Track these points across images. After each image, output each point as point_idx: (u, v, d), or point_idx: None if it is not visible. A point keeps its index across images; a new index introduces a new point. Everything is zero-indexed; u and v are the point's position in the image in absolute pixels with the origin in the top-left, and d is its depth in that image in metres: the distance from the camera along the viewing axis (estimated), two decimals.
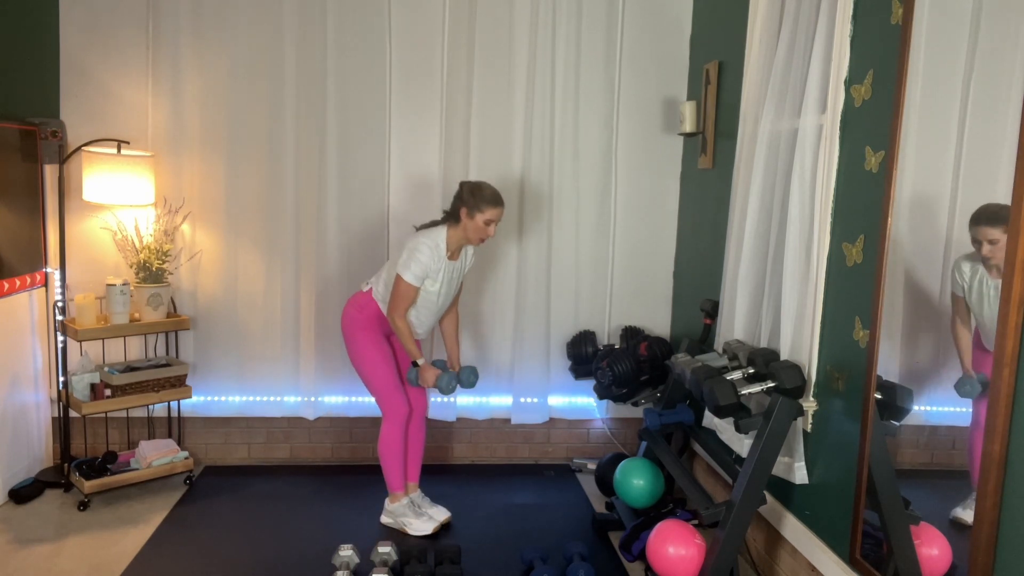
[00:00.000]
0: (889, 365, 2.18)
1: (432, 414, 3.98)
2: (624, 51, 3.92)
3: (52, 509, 3.41)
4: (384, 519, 3.37)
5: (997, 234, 1.77)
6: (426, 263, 3.11)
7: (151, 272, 3.65)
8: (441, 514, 3.37)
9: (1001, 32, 1.82)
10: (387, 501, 3.37)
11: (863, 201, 2.28)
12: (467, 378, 3.31)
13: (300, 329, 3.89)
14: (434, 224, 3.23)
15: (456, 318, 3.47)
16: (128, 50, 3.71)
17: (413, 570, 2.79)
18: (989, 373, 1.74)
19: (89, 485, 3.38)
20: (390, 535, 3.26)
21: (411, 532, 3.28)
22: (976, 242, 1.86)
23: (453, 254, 3.22)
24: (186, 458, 3.67)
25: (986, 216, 1.84)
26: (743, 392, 2.52)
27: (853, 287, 2.32)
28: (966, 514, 1.84)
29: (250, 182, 3.81)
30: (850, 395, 2.32)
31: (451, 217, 3.19)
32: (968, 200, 1.93)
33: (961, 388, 1.95)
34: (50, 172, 3.69)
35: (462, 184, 3.20)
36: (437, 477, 3.85)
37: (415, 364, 3.21)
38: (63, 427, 3.63)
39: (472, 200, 3.11)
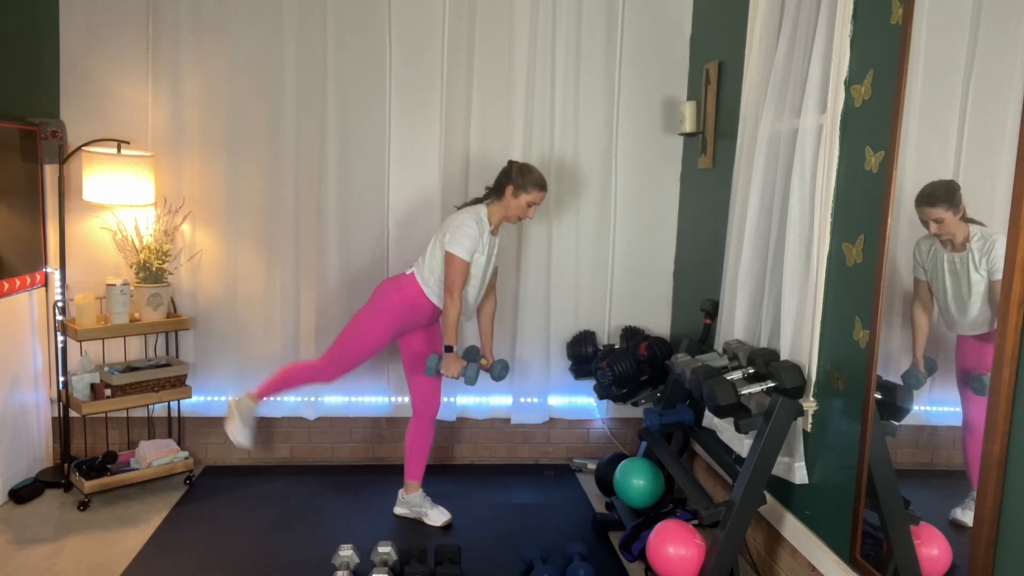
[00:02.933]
0: (889, 365, 2.18)
1: None
2: (624, 51, 3.92)
3: (52, 509, 3.41)
4: (398, 510, 3.41)
5: (940, 213, 1.87)
6: (475, 236, 3.14)
7: (151, 272, 3.65)
8: (441, 516, 3.38)
9: (1001, 32, 1.82)
10: (401, 492, 3.41)
11: (863, 201, 2.28)
12: (499, 372, 3.29)
13: (300, 329, 3.89)
14: (476, 201, 3.29)
15: (494, 304, 3.48)
16: (128, 50, 3.71)
17: (413, 570, 2.79)
18: (954, 357, 1.77)
19: (89, 485, 3.38)
20: (389, 535, 3.26)
21: (428, 522, 3.34)
22: (924, 222, 1.93)
23: (494, 229, 3.26)
24: (186, 458, 3.67)
25: (926, 196, 1.93)
26: (743, 392, 2.52)
27: (853, 287, 2.32)
28: (965, 515, 1.84)
29: (250, 182, 3.81)
30: (850, 395, 2.32)
31: (494, 193, 3.26)
32: (968, 199, 1.92)
33: (908, 378, 2.00)
34: (50, 172, 3.69)
35: (511, 163, 3.26)
36: (437, 477, 3.85)
37: (447, 349, 3.17)
38: (63, 427, 3.63)
39: (520, 180, 3.18)
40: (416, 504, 3.40)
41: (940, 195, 1.82)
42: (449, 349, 3.18)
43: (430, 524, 3.36)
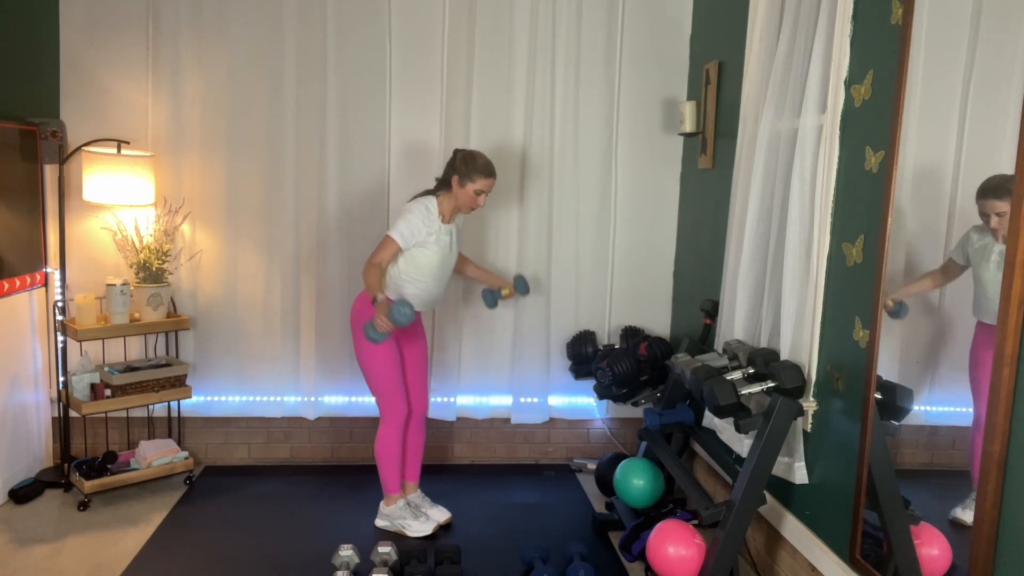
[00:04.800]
0: (889, 365, 2.18)
1: (432, 414, 3.98)
2: (624, 51, 3.92)
3: (52, 509, 3.41)
4: (379, 522, 3.34)
5: (1004, 206, 1.77)
6: (416, 223, 3.10)
7: (151, 272, 3.65)
8: (441, 515, 3.37)
9: (1001, 32, 1.82)
10: (382, 504, 3.35)
11: (863, 201, 2.28)
12: (522, 288, 3.49)
13: (300, 329, 3.89)
14: (427, 193, 3.24)
15: (470, 264, 3.55)
16: (128, 50, 3.71)
17: (413, 570, 2.79)
18: (984, 354, 1.75)
19: (89, 485, 3.38)
20: (389, 535, 3.26)
21: (410, 534, 3.26)
22: (984, 215, 1.86)
23: (447, 219, 3.21)
24: (186, 458, 3.67)
25: (992, 189, 1.84)
26: (743, 392, 2.52)
27: (853, 287, 2.32)
28: (965, 514, 1.84)
29: (250, 182, 3.81)
30: (850, 395, 2.32)
31: (443, 185, 3.21)
32: (968, 200, 1.93)
33: (894, 312, 2.07)
34: (50, 172, 3.69)
35: (456, 152, 3.20)
36: (437, 477, 3.85)
37: (374, 301, 3.01)
38: (63, 427, 3.63)
39: (464, 169, 3.12)
40: (396, 516, 3.31)
41: (1007, 188, 1.73)
42: (375, 300, 3.03)
43: (411, 535, 3.26)
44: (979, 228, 1.89)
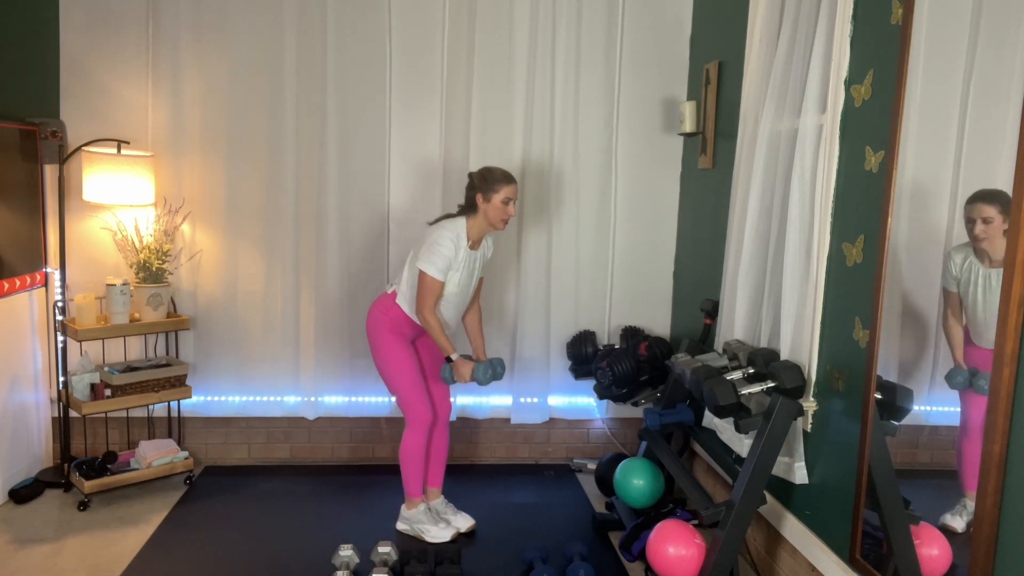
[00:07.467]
0: (889, 365, 2.18)
1: None
2: (624, 51, 3.92)
3: (52, 509, 3.41)
4: (400, 526, 3.31)
5: (992, 212, 1.77)
6: (448, 255, 3.05)
7: (151, 272, 3.65)
8: (465, 522, 3.31)
9: (1001, 32, 1.82)
10: (403, 507, 3.31)
11: (863, 201, 2.28)
12: (497, 369, 3.24)
13: (300, 329, 3.89)
14: (449, 217, 3.19)
15: (479, 312, 3.41)
16: (128, 50, 3.71)
17: (413, 570, 2.79)
18: (979, 368, 1.75)
19: (89, 485, 3.38)
20: (389, 535, 3.25)
21: (428, 539, 3.23)
22: (970, 221, 1.85)
23: (474, 244, 3.17)
24: (186, 458, 3.67)
25: (983, 194, 1.83)
26: (743, 392, 2.52)
27: (853, 287, 2.32)
28: (955, 521, 1.84)
29: (250, 182, 3.81)
30: (850, 395, 2.32)
31: (468, 208, 3.16)
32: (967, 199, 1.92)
33: (952, 379, 1.96)
34: (50, 172, 3.69)
35: (471, 175, 3.17)
36: None
37: (448, 360, 3.12)
38: (63, 427, 3.63)
39: (485, 184, 3.09)
40: (416, 520, 3.29)
41: (997, 195, 1.73)
42: (449, 360, 3.12)
43: (430, 541, 3.22)
44: (959, 248, 1.88)
